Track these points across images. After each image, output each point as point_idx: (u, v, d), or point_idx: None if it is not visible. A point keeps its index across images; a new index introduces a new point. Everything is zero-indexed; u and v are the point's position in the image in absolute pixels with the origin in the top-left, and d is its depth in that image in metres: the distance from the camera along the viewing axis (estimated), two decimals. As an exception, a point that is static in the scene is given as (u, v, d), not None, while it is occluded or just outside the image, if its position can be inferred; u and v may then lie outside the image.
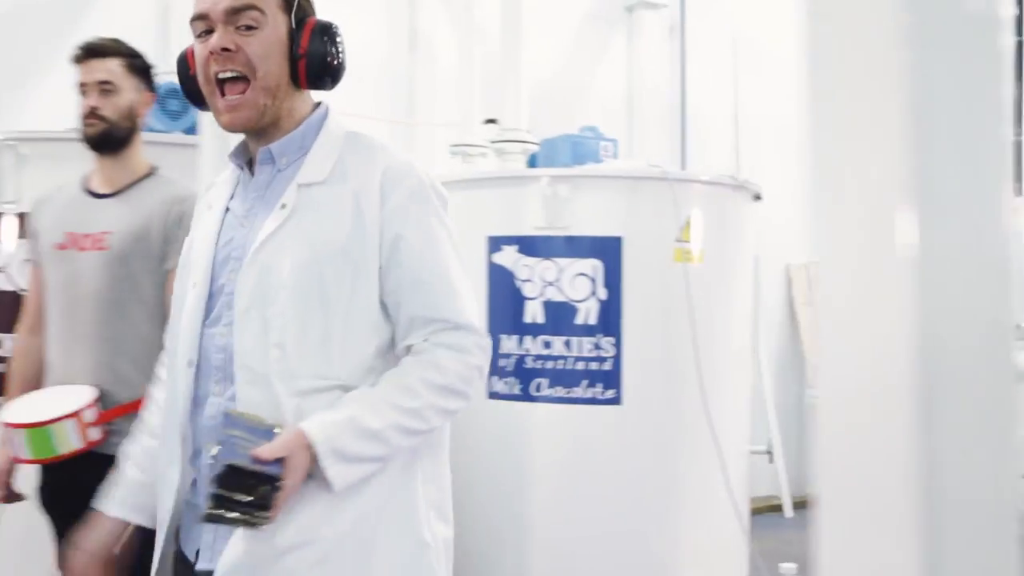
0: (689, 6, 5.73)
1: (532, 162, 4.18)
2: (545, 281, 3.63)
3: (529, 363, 3.66)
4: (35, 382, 2.68)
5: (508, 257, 3.68)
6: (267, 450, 1.47)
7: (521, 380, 3.67)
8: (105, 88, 2.59)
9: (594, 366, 3.61)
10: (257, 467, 1.46)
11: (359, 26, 4.32)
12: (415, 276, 1.60)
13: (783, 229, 5.44)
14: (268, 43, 1.61)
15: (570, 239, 3.60)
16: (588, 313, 3.60)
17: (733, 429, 3.82)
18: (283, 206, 1.61)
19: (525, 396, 3.66)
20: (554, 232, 3.61)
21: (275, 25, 1.62)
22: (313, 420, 1.53)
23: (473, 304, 1.67)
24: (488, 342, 1.67)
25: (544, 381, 3.64)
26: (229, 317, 1.61)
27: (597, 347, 3.60)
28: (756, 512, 4.50)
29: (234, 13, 1.59)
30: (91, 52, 2.61)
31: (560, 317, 3.62)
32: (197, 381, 1.64)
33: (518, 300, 3.66)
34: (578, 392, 3.61)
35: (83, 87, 2.61)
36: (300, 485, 1.51)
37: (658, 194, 3.62)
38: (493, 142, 4.05)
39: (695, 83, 5.70)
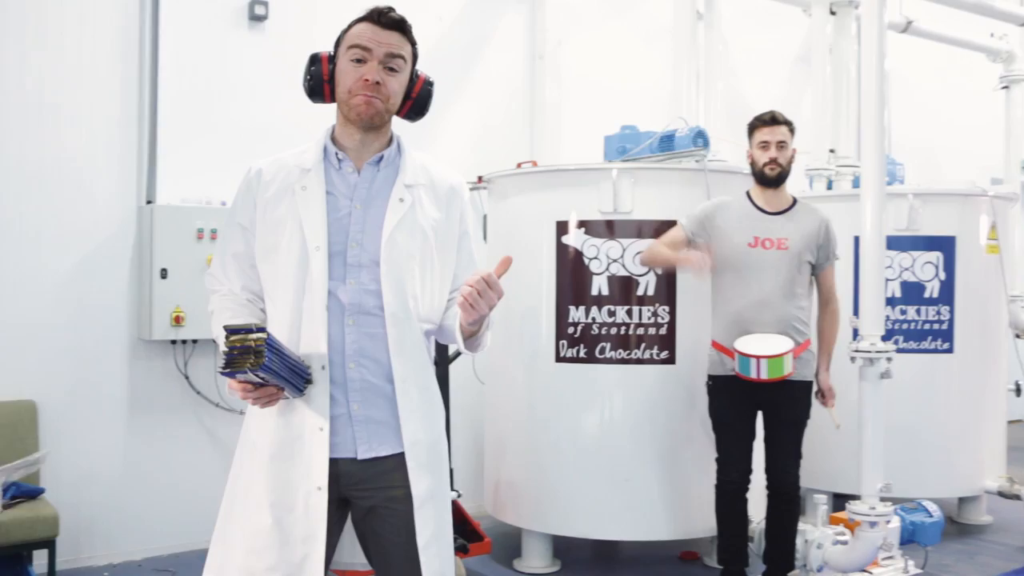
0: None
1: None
2: (902, 267, 5.19)
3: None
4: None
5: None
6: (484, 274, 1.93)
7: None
8: (781, 144, 3.94)
9: (936, 327, 5.20)
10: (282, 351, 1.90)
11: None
12: (469, 257, 2.24)
13: None
14: (401, 84, 2.11)
15: (920, 238, 5.17)
16: (932, 289, 5.19)
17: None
18: (401, 200, 2.10)
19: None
20: (910, 232, 5.17)
21: (406, 71, 2.12)
22: None
23: None
24: None
25: (900, 337, 5.21)
26: (355, 274, 2.05)
27: (938, 314, 5.19)
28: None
29: (389, 57, 2.06)
30: (774, 120, 3.95)
31: (912, 293, 5.19)
32: (329, 320, 2.04)
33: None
34: (924, 344, 5.20)
35: (766, 144, 3.93)
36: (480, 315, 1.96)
37: (977, 205, 5.24)
38: (839, 167, 5.55)
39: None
